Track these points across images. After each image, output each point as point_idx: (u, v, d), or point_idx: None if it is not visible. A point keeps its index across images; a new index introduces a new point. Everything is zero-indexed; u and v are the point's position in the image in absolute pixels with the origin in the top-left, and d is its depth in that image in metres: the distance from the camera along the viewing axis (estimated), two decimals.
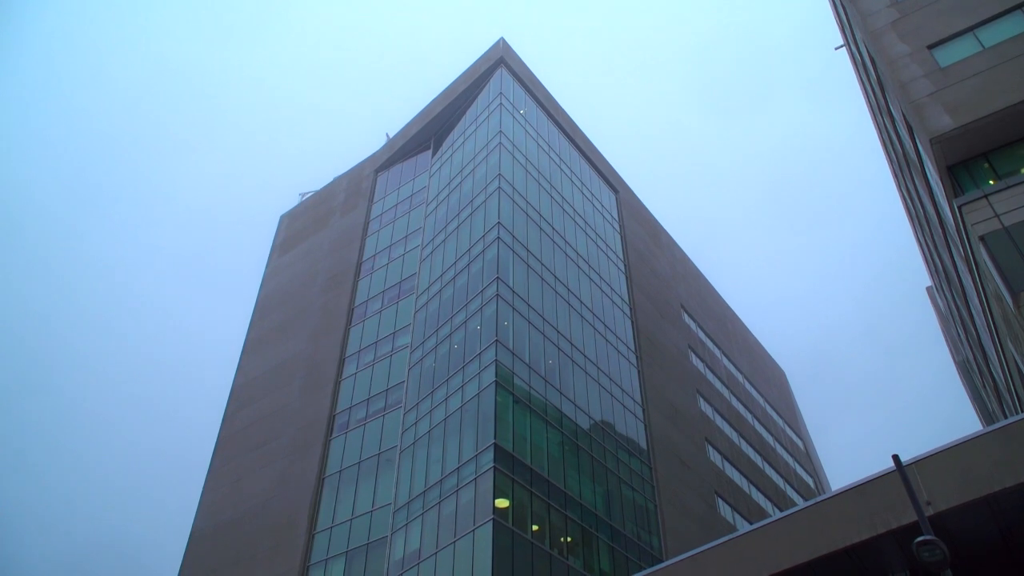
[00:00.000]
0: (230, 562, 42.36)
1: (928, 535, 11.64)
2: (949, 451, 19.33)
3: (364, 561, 36.79)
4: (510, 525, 31.30)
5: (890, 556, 20.22)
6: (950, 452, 19.29)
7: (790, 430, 72.08)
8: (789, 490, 62.49)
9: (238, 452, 48.48)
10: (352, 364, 46.69)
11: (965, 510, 18.56)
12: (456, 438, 35.61)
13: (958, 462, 19.00)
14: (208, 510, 46.92)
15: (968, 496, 18.41)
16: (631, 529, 39.22)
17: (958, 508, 18.51)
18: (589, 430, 40.28)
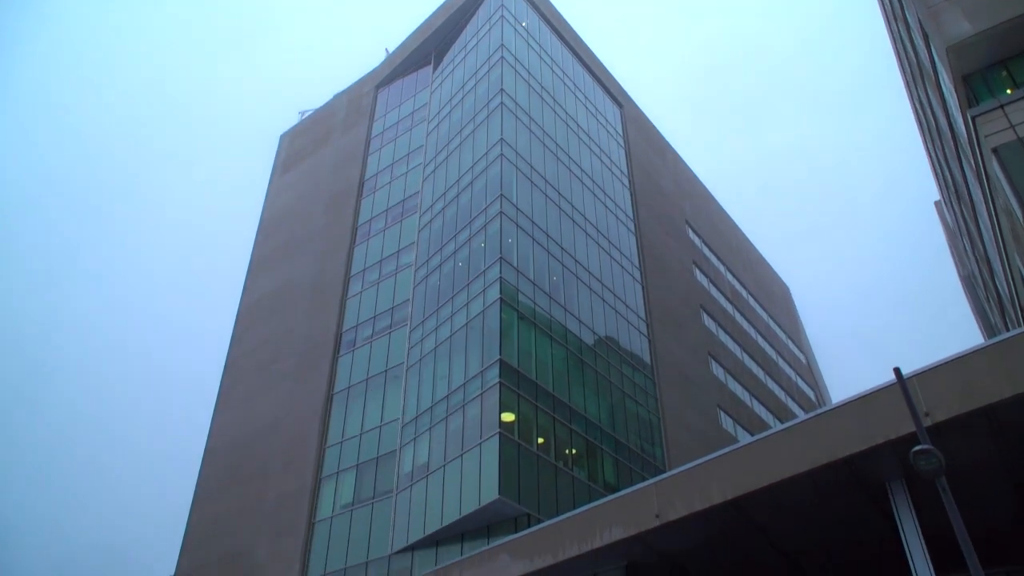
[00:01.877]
0: (244, 478, 43.54)
1: (925, 444, 11.86)
2: (949, 364, 19.52)
3: (374, 474, 37.77)
4: (516, 438, 31.96)
5: (888, 465, 20.66)
6: (950, 365, 19.48)
7: (792, 344, 72.74)
8: (790, 403, 63.49)
9: (247, 373, 49.22)
10: (357, 283, 46.90)
11: (963, 421, 18.86)
12: (462, 354, 36.04)
13: (958, 374, 19.19)
14: (220, 430, 47.96)
15: (966, 407, 18.67)
16: (634, 441, 40.05)
17: (956, 419, 18.81)
18: (593, 345, 40.70)
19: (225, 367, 51.43)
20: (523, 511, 30.71)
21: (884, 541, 23.77)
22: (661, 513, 23.59)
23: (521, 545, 27.57)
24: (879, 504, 22.17)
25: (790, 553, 25.31)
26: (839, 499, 22.24)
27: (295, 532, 38.57)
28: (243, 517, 41.78)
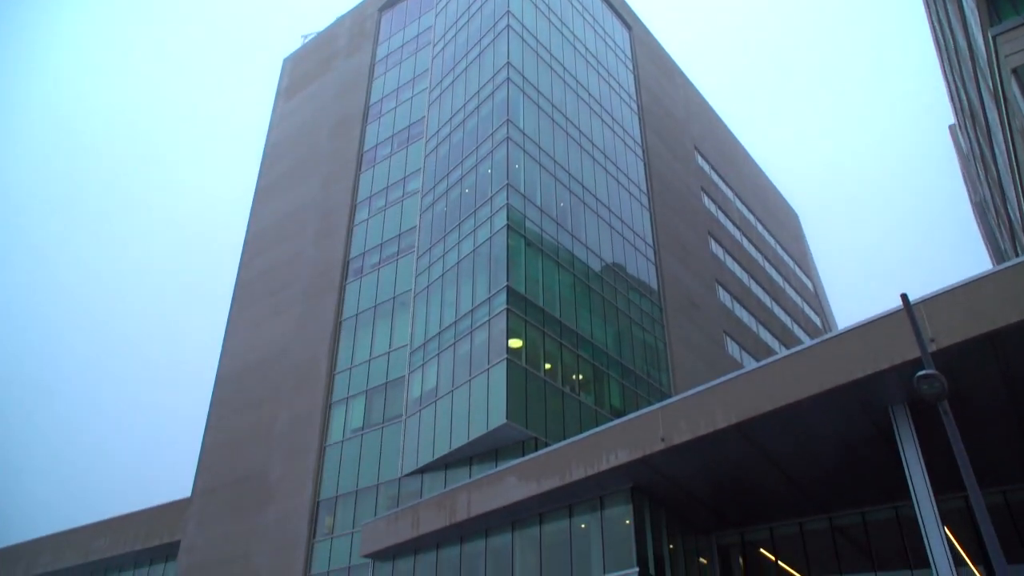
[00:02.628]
0: (256, 402, 44.30)
1: (929, 369, 11.93)
2: (956, 290, 19.52)
3: (383, 399, 38.36)
4: (523, 364, 32.31)
5: (891, 390, 20.88)
6: (957, 291, 19.48)
7: (800, 271, 72.67)
8: (796, 329, 63.79)
9: (256, 298, 49.56)
10: (364, 210, 46.77)
11: (967, 346, 18.97)
12: (469, 281, 36.14)
13: (965, 301, 19.20)
14: (231, 354, 48.57)
15: (971, 333, 18.75)
16: (641, 367, 40.45)
17: (961, 344, 18.92)
18: (600, 272, 40.73)
19: (234, 293, 51.79)
20: (530, 435, 31.26)
21: (886, 464, 24.20)
22: (666, 437, 23.99)
23: (528, 468, 28.16)
24: (882, 428, 22.48)
25: (793, 476, 25.81)
26: (842, 423, 22.55)
27: (307, 454, 39.44)
28: (256, 439, 42.69)
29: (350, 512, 36.57)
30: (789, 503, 27.94)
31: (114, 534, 48.08)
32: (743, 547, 30.44)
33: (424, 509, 31.56)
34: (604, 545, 26.57)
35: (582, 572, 26.68)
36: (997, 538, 11.67)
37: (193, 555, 41.92)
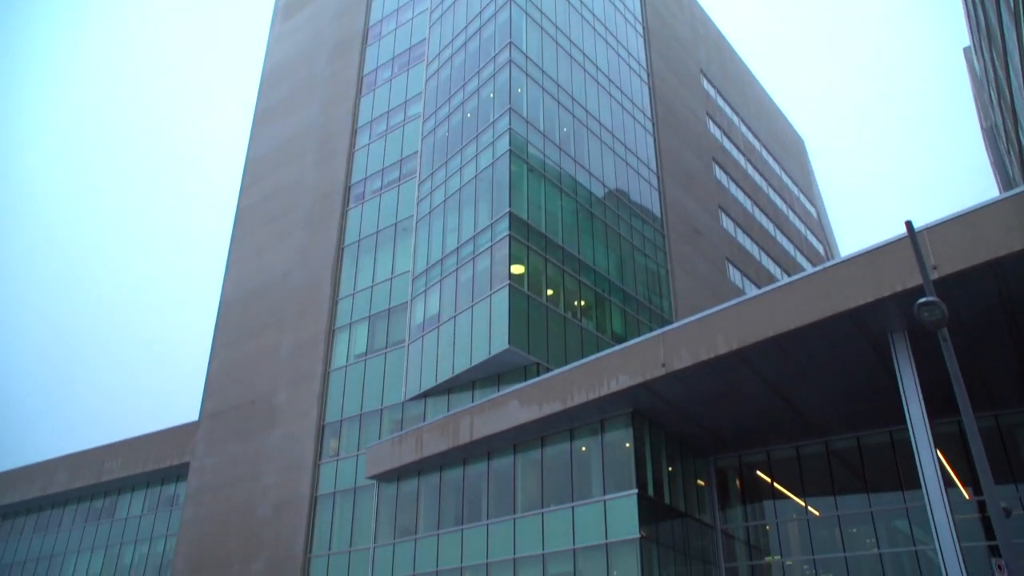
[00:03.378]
0: (259, 327, 44.69)
1: (930, 296, 12.00)
2: (961, 218, 19.47)
3: (386, 325, 38.68)
4: (525, 290, 32.46)
5: (891, 318, 21.05)
6: (961, 219, 19.44)
7: (804, 198, 72.24)
8: (799, 257, 63.80)
9: (258, 224, 49.48)
10: (364, 135, 46.26)
11: (969, 274, 19.03)
12: (471, 207, 36.01)
13: (968, 228, 19.17)
14: (234, 280, 48.76)
15: (974, 260, 18.78)
16: (643, 293, 40.63)
17: (963, 272, 18.97)
18: (603, 198, 40.53)
19: (235, 219, 51.68)
20: (532, 361, 31.62)
21: (883, 390, 24.57)
22: (667, 362, 24.28)
23: (530, 393, 28.60)
24: (880, 355, 22.73)
25: (792, 401, 26.22)
26: (842, 350, 22.79)
27: (311, 379, 40.00)
28: (261, 365, 43.23)
29: (355, 435, 37.30)
30: (786, 427, 28.47)
31: (126, 456, 49.19)
32: (740, 469, 31.15)
33: (427, 432, 32.19)
34: (604, 468, 27.19)
35: (583, 494, 27.37)
36: (987, 460, 11.94)
37: (202, 476, 42.96)
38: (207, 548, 40.40)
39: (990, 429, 25.64)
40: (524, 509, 28.85)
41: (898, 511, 27.19)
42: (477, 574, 29.38)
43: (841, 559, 27.83)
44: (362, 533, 34.67)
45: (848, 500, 28.40)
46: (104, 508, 50.61)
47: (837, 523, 28.41)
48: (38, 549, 52.57)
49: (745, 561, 29.96)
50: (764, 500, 30.35)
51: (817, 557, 28.40)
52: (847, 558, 27.75)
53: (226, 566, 38.78)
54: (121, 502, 49.86)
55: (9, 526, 55.66)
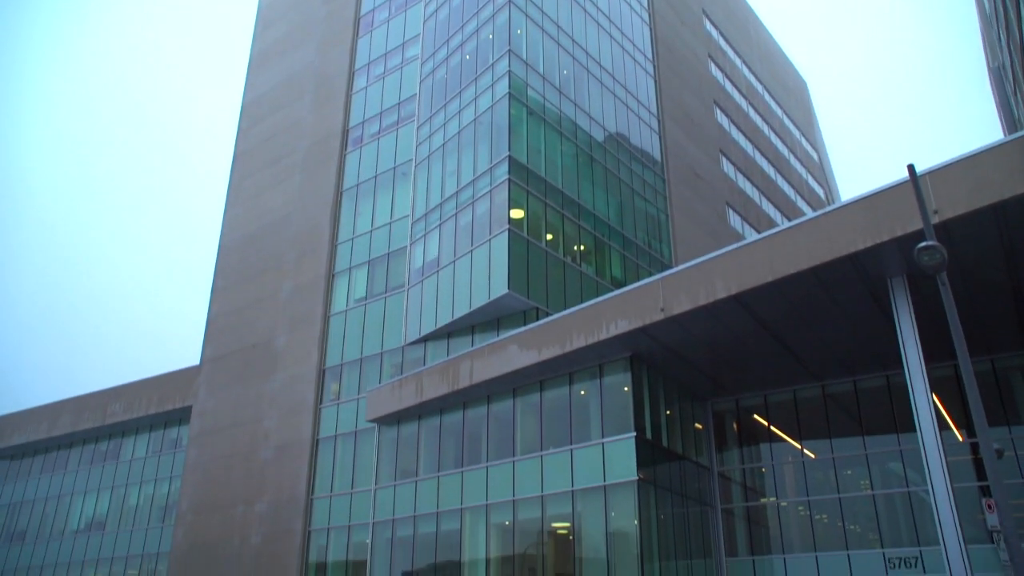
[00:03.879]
0: (259, 271, 44.70)
1: (930, 240, 11.96)
2: (963, 161, 19.32)
3: (386, 269, 38.66)
4: (525, 235, 32.37)
5: (890, 262, 21.03)
6: (965, 162, 19.29)
7: (805, 141, 71.58)
8: (799, 201, 63.48)
9: (256, 168, 49.11)
10: (362, 77, 45.59)
11: (971, 218, 18.96)
12: (471, 151, 35.69)
13: (971, 172, 19.03)
14: (233, 224, 48.60)
15: (976, 204, 18.69)
16: (642, 238, 40.53)
17: (964, 216, 18.89)
18: (603, 142, 40.15)
19: (233, 162, 51.29)
20: (531, 305, 31.70)
21: (880, 334, 24.69)
22: (666, 307, 24.34)
23: (530, 337, 28.74)
24: (879, 299, 22.78)
25: (790, 345, 26.36)
26: (841, 294, 22.84)
27: (311, 323, 40.15)
28: (261, 308, 43.35)
29: (355, 379, 37.59)
30: (784, 371, 28.69)
31: (129, 399, 49.67)
32: (737, 413, 31.49)
33: (427, 376, 32.44)
34: (603, 411, 27.47)
35: (581, 437, 27.70)
36: (981, 403, 12.05)
37: (204, 419, 43.45)
38: (211, 489, 41.07)
39: (986, 373, 25.85)
40: (523, 452, 29.24)
41: (892, 453, 27.58)
42: (477, 515, 29.93)
43: (835, 500, 28.32)
44: (363, 475, 35.20)
45: (843, 443, 28.77)
46: (109, 450, 51.32)
47: (832, 465, 28.84)
48: (46, 489, 53.50)
49: (741, 502, 30.49)
50: (761, 443, 30.76)
51: (812, 499, 28.90)
52: (841, 499, 28.23)
53: (230, 507, 39.48)
54: (125, 444, 50.54)
55: (17, 466, 56.57)
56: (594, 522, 26.51)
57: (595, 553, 26.20)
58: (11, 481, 56.22)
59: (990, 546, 21.96)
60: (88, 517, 50.29)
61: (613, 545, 25.74)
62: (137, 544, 46.26)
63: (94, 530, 49.23)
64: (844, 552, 27.31)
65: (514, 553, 28.65)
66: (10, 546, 53.30)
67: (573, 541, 27.00)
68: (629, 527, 25.44)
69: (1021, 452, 25.18)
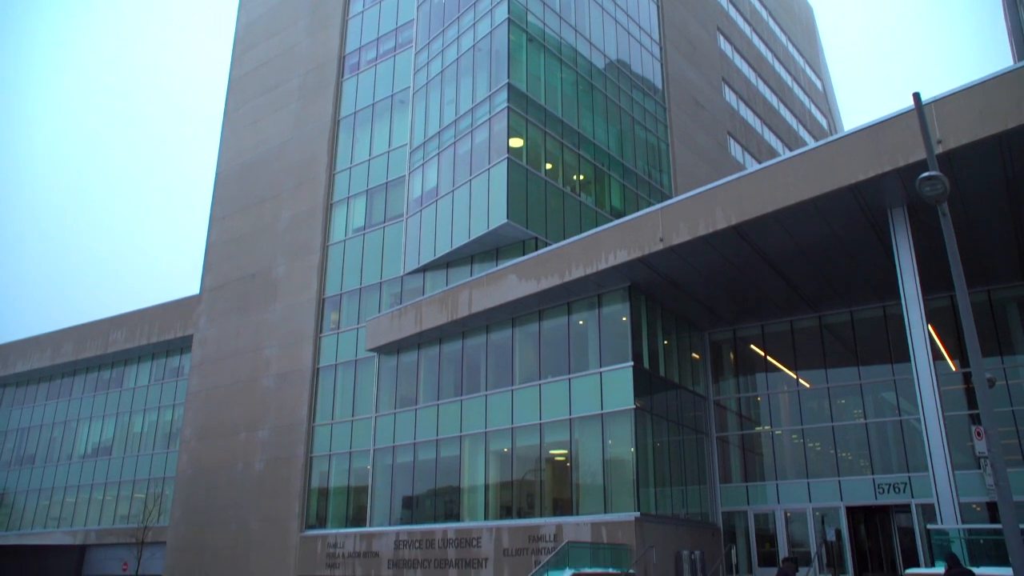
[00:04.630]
0: (257, 200, 44.46)
1: (933, 171, 11.88)
2: (969, 90, 19.07)
3: (384, 199, 38.45)
4: (524, 164, 32.10)
5: (892, 193, 20.94)
6: (970, 91, 19.03)
7: (810, 70, 70.36)
8: (802, 131, 62.76)
9: (251, 95, 48.36)
10: (358, 1, 44.51)
11: (974, 148, 18.80)
12: (469, 78, 35.10)
13: (976, 101, 18.79)
14: (229, 152, 48.12)
15: (980, 134, 18.52)
16: (642, 168, 40.22)
17: (968, 146, 18.73)
18: (604, 69, 39.45)
19: (228, 89, 50.47)
20: (531, 235, 31.64)
21: (879, 265, 24.75)
22: (665, 237, 24.33)
23: (529, 267, 28.79)
24: (878, 230, 22.76)
25: (788, 276, 26.44)
26: (841, 225, 22.81)
27: (310, 253, 40.14)
28: (259, 237, 43.27)
29: (354, 308, 37.77)
30: (781, 302, 28.84)
31: (130, 327, 50.02)
32: (734, 343, 31.78)
33: (427, 306, 32.61)
34: (601, 340, 27.72)
35: (579, 366, 28.01)
36: (976, 333, 12.15)
37: (206, 348, 43.82)
38: (214, 416, 41.71)
39: (982, 304, 26.01)
40: (522, 381, 29.61)
41: (886, 383, 27.95)
42: (476, 442, 30.48)
43: (828, 428, 28.82)
44: (364, 403, 35.70)
45: (838, 372, 29.13)
46: (112, 378, 51.95)
47: (827, 394, 29.26)
48: (52, 415, 54.39)
49: (736, 431, 31.04)
50: (757, 373, 31.13)
51: (806, 427, 29.40)
52: (834, 427, 28.73)
53: (233, 434, 40.16)
54: (128, 372, 51.13)
55: (23, 393, 57.37)
56: (591, 449, 27.02)
57: (592, 479, 26.79)
58: (18, 407, 57.12)
59: (976, 472, 22.46)
60: (94, 442, 51.26)
61: (609, 472, 26.30)
62: (143, 468, 47.24)
63: (100, 455, 50.23)
64: (835, 478, 27.93)
65: (512, 479, 29.29)
66: (20, 469, 54.52)
67: (570, 468, 27.57)
68: (625, 454, 25.94)
69: (1012, 381, 25.55)
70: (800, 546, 27.97)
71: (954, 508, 18.92)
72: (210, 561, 38.40)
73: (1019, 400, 25.41)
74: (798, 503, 28.41)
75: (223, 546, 38.19)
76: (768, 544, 28.89)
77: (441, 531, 29.97)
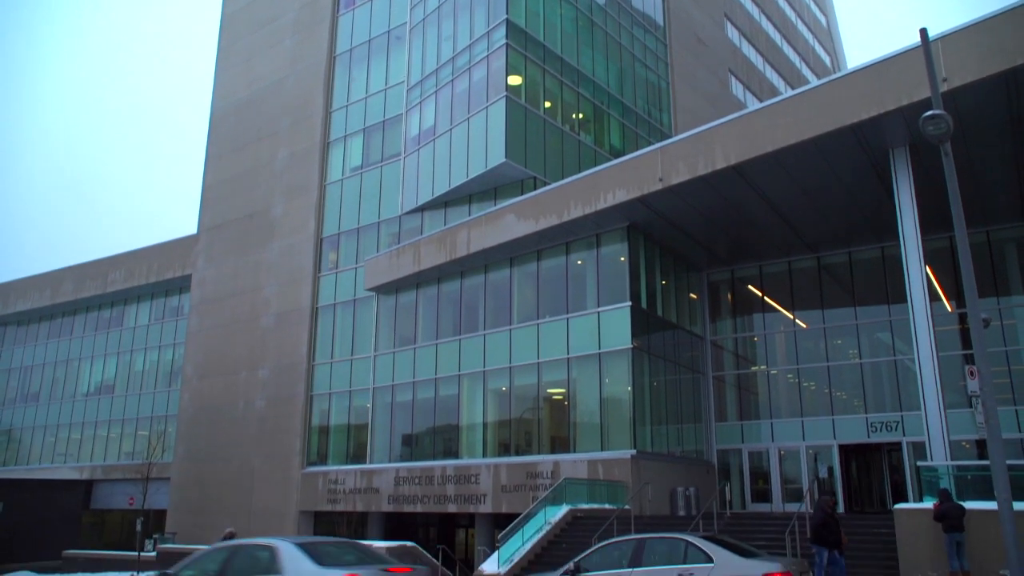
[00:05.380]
0: (253, 139, 43.98)
1: (937, 109, 11.72)
2: (976, 26, 18.77)
3: (381, 138, 38.05)
4: (523, 102, 31.68)
5: (894, 133, 20.73)
6: (977, 27, 18.74)
7: (814, 5, 68.93)
8: (804, 69, 61.76)
9: (244, 31, 47.44)
10: None
11: (980, 86, 18.56)
12: (467, 14, 34.39)
13: (983, 37, 18.49)
14: (224, 90, 47.40)
15: (986, 72, 18.27)
16: (642, 106, 39.71)
17: (974, 84, 18.50)
18: (604, 5, 38.62)
19: (221, 25, 49.46)
20: (529, 174, 31.40)
21: (878, 206, 24.64)
22: (665, 177, 24.17)
23: (527, 206, 28.67)
24: (879, 171, 22.60)
25: (787, 216, 26.36)
26: (842, 165, 22.65)
27: (308, 192, 39.88)
28: (256, 176, 42.94)
29: (353, 248, 37.71)
30: (780, 242, 28.82)
31: (129, 267, 50.01)
32: (732, 283, 31.85)
33: (425, 245, 32.57)
34: (599, 281, 27.76)
35: (577, 306, 28.11)
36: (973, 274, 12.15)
37: (205, 287, 43.87)
38: (214, 356, 41.99)
39: (980, 244, 26.00)
40: (520, 320, 29.75)
41: (882, 323, 28.12)
42: (475, 381, 30.77)
43: (824, 368, 29.09)
44: (363, 342, 35.91)
45: (835, 313, 29.27)
46: (112, 317, 52.16)
47: (823, 335, 29.45)
48: (54, 353, 54.78)
49: (732, 370, 31.32)
50: (754, 313, 31.28)
51: (801, 367, 29.67)
52: (829, 367, 29.00)
53: (233, 372, 40.49)
54: (128, 312, 51.31)
55: (25, 332, 57.67)
56: (589, 388, 27.30)
57: (589, 418, 27.13)
58: (20, 346, 57.50)
59: (967, 411, 22.72)
60: (97, 381, 51.74)
61: (606, 410, 26.62)
62: (146, 407, 47.77)
63: (103, 393, 50.74)
64: (829, 417, 28.31)
65: (511, 417, 29.66)
66: (26, 406, 55.18)
67: (568, 406, 27.90)
68: (622, 393, 26.23)
69: (1007, 321, 25.70)
70: (793, 483, 28.50)
71: (944, 446, 19.22)
72: (214, 497, 39.12)
73: (1012, 340, 25.62)
74: (792, 441, 28.83)
75: (226, 482, 38.87)
76: (761, 481, 29.43)
77: (440, 468, 30.47)
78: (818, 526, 15.66)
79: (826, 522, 15.64)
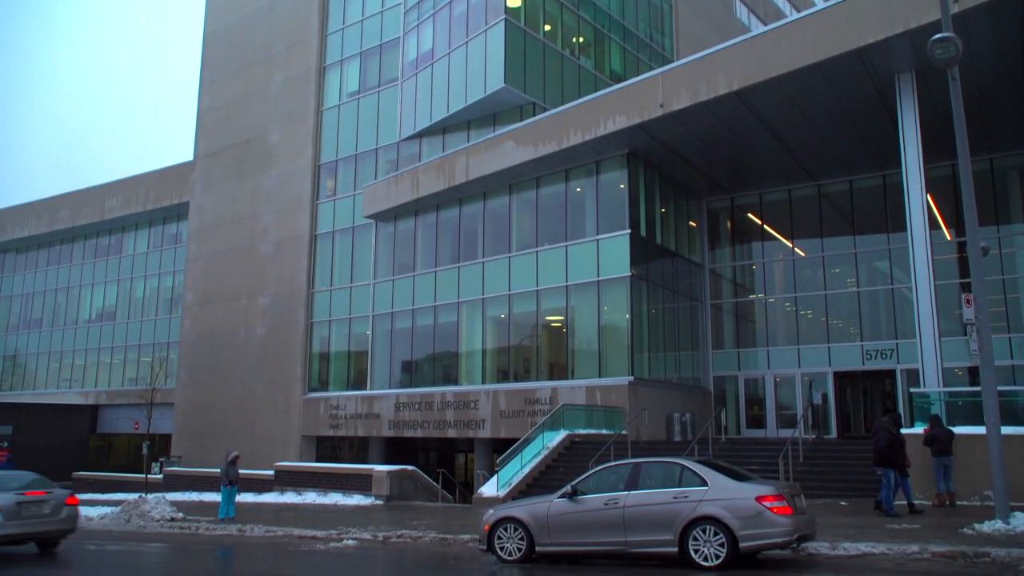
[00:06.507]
0: (248, 63, 43.11)
1: (947, 32, 11.47)
2: None
3: (379, 62, 37.33)
4: (522, 25, 30.98)
5: (900, 57, 20.35)
6: None
7: None
8: None
9: None
10: None
11: (992, 7, 18.20)
12: None
13: None
14: (217, 11, 46.10)
15: None
16: (643, 30, 38.84)
17: (985, 5, 18.11)
18: None
19: None
20: (528, 100, 30.92)
21: (882, 133, 24.35)
22: (665, 103, 23.83)
23: (526, 133, 28.34)
24: (883, 96, 22.26)
25: (789, 143, 26.08)
26: (846, 91, 22.30)
27: (304, 118, 39.32)
28: (252, 102, 42.27)
29: (351, 175, 37.41)
30: (780, 170, 28.57)
31: (126, 194, 49.72)
32: (732, 211, 31.70)
33: (423, 172, 32.31)
34: (598, 208, 27.63)
35: (576, 233, 28.04)
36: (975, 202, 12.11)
37: (203, 214, 43.67)
38: (214, 283, 42.08)
39: (983, 172, 25.77)
40: (519, 248, 29.73)
41: (880, 252, 28.10)
42: (474, 308, 30.92)
43: (821, 297, 29.20)
44: (362, 270, 35.95)
45: (834, 242, 29.22)
46: (111, 244, 52.12)
47: (821, 264, 29.47)
48: (55, 280, 54.94)
49: (730, 298, 31.44)
50: (753, 241, 31.23)
51: (799, 295, 29.78)
52: (827, 296, 29.11)
53: (234, 299, 40.64)
54: (127, 239, 51.24)
55: (24, 259, 57.72)
56: (587, 315, 27.46)
57: (587, 345, 27.36)
58: (19, 273, 57.64)
59: (960, 338, 22.90)
60: (98, 308, 52.03)
61: (605, 337, 26.83)
62: (148, 333, 48.15)
63: (105, 320, 51.09)
64: (825, 345, 28.55)
65: (509, 344, 29.92)
66: (29, 333, 55.61)
67: (566, 333, 28.11)
68: (621, 321, 26.39)
69: (1006, 250, 25.69)
70: (787, 409, 28.92)
71: (937, 373, 19.44)
72: (217, 421, 39.75)
73: (1010, 269, 25.66)
74: (788, 369, 29.15)
75: (229, 407, 39.45)
76: (757, 408, 29.87)
77: (440, 394, 30.87)
78: (884, 447, 15.02)
79: (892, 443, 15.06)
